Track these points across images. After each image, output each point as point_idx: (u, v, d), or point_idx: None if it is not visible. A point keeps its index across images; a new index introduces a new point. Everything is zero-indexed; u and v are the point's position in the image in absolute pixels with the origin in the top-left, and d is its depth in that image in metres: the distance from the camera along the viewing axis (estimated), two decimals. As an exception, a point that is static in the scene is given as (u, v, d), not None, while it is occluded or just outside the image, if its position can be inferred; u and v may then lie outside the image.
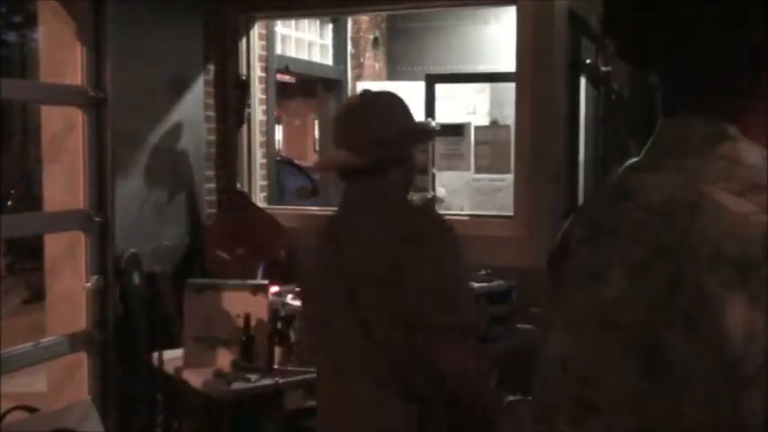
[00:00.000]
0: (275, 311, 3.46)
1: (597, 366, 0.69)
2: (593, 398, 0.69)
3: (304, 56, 6.46)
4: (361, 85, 6.73)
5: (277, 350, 3.39)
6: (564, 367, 0.73)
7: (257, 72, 5.15)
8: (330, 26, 6.80)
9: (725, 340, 0.62)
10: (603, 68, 4.66)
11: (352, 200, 2.19)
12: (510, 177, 4.63)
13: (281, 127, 14.20)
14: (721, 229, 0.65)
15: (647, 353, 0.66)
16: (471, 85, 6.29)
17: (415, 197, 5.59)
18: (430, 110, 5.81)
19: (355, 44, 7.09)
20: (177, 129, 4.58)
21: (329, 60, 6.82)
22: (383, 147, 2.07)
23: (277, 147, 7.47)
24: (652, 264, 0.67)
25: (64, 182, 3.71)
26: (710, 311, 0.63)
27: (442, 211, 4.67)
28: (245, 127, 4.97)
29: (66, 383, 3.72)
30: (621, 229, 0.71)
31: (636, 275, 0.68)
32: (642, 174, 0.75)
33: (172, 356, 3.53)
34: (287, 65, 5.96)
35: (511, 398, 3.50)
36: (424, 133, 2.54)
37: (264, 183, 5.24)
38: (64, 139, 3.69)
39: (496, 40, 6.83)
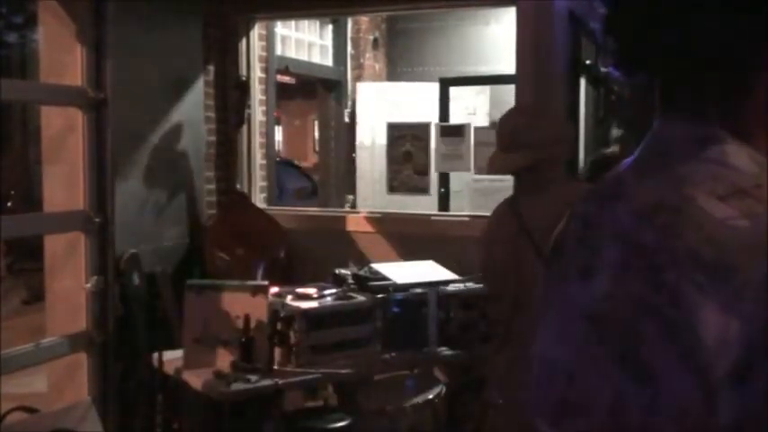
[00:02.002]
0: (275, 312, 3.46)
1: (582, 365, 0.70)
2: (576, 397, 0.70)
3: (304, 56, 6.46)
4: (361, 86, 6.74)
5: (277, 351, 3.39)
6: (551, 366, 0.73)
7: (257, 73, 5.15)
8: (330, 27, 6.81)
9: (698, 343, 0.63)
10: (603, 69, 4.66)
11: (527, 186, 2.78)
12: (510, 178, 4.63)
13: (280, 127, 14.22)
14: (701, 233, 0.66)
15: (627, 352, 0.66)
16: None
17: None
18: (444, 113, 5.82)
19: (355, 45, 7.10)
20: (177, 129, 4.58)
21: (329, 61, 6.82)
22: (552, 146, 2.67)
23: (277, 147, 7.47)
24: (634, 265, 0.68)
25: (64, 182, 3.71)
26: (685, 314, 0.64)
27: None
28: (245, 127, 4.97)
29: (66, 384, 3.71)
30: (609, 231, 0.72)
31: (619, 276, 0.68)
32: (631, 175, 0.76)
33: (172, 357, 3.53)
34: (287, 65, 5.96)
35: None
36: (570, 132, 3.08)
37: (264, 183, 5.24)
38: (64, 139, 3.69)
39: (497, 40, 6.84)
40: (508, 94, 5.05)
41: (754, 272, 0.63)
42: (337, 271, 3.97)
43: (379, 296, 3.65)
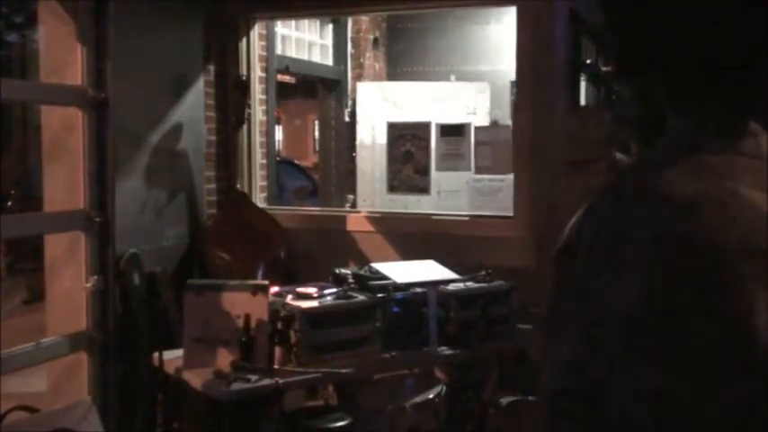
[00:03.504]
0: (275, 312, 3.46)
1: (615, 367, 0.67)
2: (608, 400, 0.68)
3: (304, 56, 6.46)
4: (362, 86, 6.74)
5: (277, 350, 3.38)
6: (577, 369, 0.71)
7: (257, 72, 5.15)
8: (330, 26, 6.80)
9: (755, 335, 0.61)
10: (603, 68, 4.65)
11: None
12: (510, 177, 4.64)
13: (281, 127, 14.21)
14: (749, 223, 0.64)
15: (672, 353, 0.64)
16: (472, 84, 6.29)
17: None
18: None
19: (355, 44, 7.09)
20: (177, 129, 4.58)
21: (329, 60, 6.82)
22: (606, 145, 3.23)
23: (277, 147, 7.47)
24: (678, 262, 0.65)
25: (64, 182, 3.71)
26: (740, 306, 0.62)
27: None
28: (245, 127, 4.97)
29: (66, 383, 3.72)
30: (642, 228, 0.69)
31: (660, 274, 0.66)
32: (661, 171, 0.73)
33: (172, 356, 3.53)
34: (287, 65, 5.96)
35: (510, 398, 3.51)
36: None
37: (264, 183, 5.24)
38: (64, 139, 3.69)
39: (497, 40, 6.84)
40: (509, 93, 5.05)
41: None
42: (337, 270, 3.97)
43: (380, 296, 3.65)
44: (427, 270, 3.82)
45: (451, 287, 3.81)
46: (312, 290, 3.70)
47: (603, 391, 0.67)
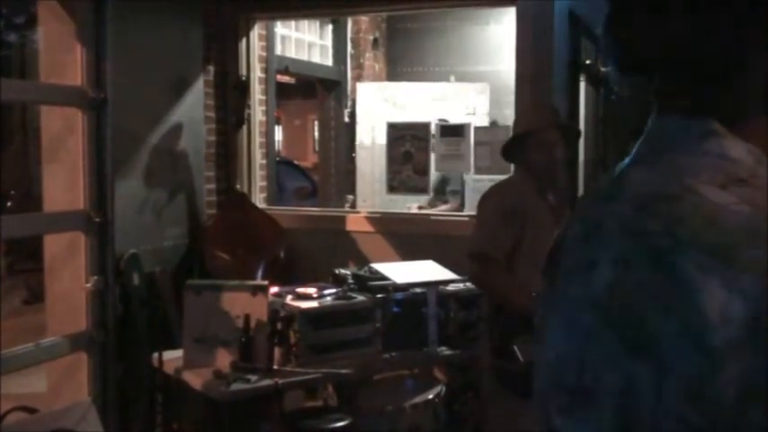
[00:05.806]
0: (275, 312, 3.46)
1: (591, 352, 0.71)
2: (587, 384, 0.71)
3: (304, 56, 6.46)
4: (361, 86, 6.75)
5: (277, 350, 3.39)
6: (559, 358, 0.74)
7: (257, 73, 5.15)
8: (330, 27, 6.80)
9: (702, 322, 0.64)
10: (603, 68, 4.66)
11: None
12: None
13: (280, 127, 14.20)
14: (702, 217, 0.67)
15: (634, 337, 0.67)
16: (471, 84, 6.30)
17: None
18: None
19: (355, 45, 7.10)
20: (177, 129, 4.58)
21: (329, 61, 6.82)
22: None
23: (277, 147, 7.47)
24: (636, 252, 0.69)
25: (64, 182, 3.71)
26: (689, 294, 0.65)
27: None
28: (245, 127, 4.97)
29: (66, 383, 3.72)
30: (610, 224, 0.73)
31: (622, 264, 0.70)
32: (630, 171, 0.77)
33: (172, 357, 3.53)
34: (287, 65, 5.96)
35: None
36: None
37: (264, 183, 5.24)
38: (64, 139, 3.69)
39: (497, 40, 6.84)
40: (508, 94, 5.06)
41: (754, 254, 0.65)
42: (337, 271, 3.97)
43: (379, 296, 3.65)
44: (427, 270, 3.82)
45: (451, 287, 3.81)
46: (312, 290, 3.70)
47: (582, 379, 0.70)
